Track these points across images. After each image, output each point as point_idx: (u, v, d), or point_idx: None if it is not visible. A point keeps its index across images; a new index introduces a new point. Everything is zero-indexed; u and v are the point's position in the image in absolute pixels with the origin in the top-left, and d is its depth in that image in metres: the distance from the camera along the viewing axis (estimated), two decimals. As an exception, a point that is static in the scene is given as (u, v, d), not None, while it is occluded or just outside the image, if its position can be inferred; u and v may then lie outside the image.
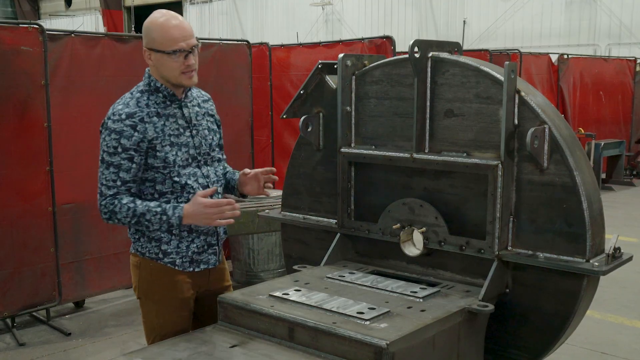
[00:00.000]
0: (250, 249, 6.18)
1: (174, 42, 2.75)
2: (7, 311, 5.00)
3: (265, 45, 7.54)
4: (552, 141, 2.63)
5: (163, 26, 2.76)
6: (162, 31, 2.76)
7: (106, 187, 2.78)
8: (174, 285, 2.92)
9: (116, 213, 2.78)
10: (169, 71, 2.80)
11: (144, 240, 2.90)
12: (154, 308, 2.94)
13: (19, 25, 5.11)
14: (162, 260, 2.89)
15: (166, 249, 2.88)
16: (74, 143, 5.29)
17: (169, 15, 2.80)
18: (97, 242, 5.49)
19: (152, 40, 2.78)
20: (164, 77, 2.83)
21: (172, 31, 2.75)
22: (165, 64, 2.78)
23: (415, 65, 2.87)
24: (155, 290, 2.92)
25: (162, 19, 2.77)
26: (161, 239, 2.87)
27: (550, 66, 11.65)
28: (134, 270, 2.98)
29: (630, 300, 5.89)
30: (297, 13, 20.95)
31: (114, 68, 5.49)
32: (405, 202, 3.00)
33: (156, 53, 2.77)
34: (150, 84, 2.86)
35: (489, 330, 2.77)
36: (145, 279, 2.93)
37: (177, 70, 2.79)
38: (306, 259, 3.33)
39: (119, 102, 2.85)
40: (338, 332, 2.33)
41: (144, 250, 2.90)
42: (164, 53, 2.76)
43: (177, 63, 2.78)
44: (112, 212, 2.79)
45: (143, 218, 2.76)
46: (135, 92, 2.88)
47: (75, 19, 26.57)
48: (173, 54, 2.75)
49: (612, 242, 2.67)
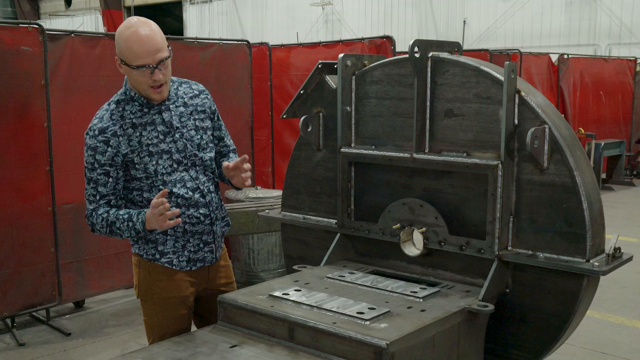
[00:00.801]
0: (250, 249, 6.18)
1: (137, 58, 2.67)
2: (7, 311, 5.00)
3: (265, 45, 7.54)
4: (552, 141, 2.62)
5: (128, 40, 2.67)
6: (126, 45, 2.68)
7: (88, 202, 2.86)
8: (172, 285, 2.93)
9: (95, 224, 2.87)
10: (138, 84, 2.76)
11: (141, 242, 2.91)
12: (153, 307, 2.95)
13: (19, 25, 5.11)
14: (159, 260, 2.90)
15: (162, 250, 2.89)
16: (74, 143, 5.29)
17: (137, 27, 2.69)
18: (97, 242, 5.49)
19: (120, 53, 2.72)
20: (135, 87, 2.81)
21: (134, 47, 2.66)
22: (133, 77, 2.74)
23: (415, 65, 2.87)
24: (154, 290, 2.93)
25: (128, 32, 2.68)
26: (157, 240, 2.88)
27: (551, 66, 11.65)
28: (135, 269, 3.00)
29: (630, 300, 5.89)
30: (297, 13, 20.95)
31: (114, 68, 5.41)
32: (405, 202, 3.00)
33: (124, 65, 2.73)
34: (126, 93, 2.85)
35: (489, 330, 2.77)
36: (145, 278, 2.94)
37: (145, 84, 2.73)
38: (306, 259, 3.34)
39: (96, 116, 2.85)
40: (338, 332, 2.33)
41: (141, 252, 2.92)
42: (129, 67, 2.70)
43: (144, 77, 2.71)
44: (92, 224, 2.87)
45: (114, 226, 2.81)
46: (112, 102, 2.86)
47: (75, 19, 26.58)
48: (138, 69, 2.69)
49: (612, 242, 2.67)
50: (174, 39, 6.06)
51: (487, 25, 16.98)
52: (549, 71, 11.57)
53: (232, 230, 5.63)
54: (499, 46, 14.50)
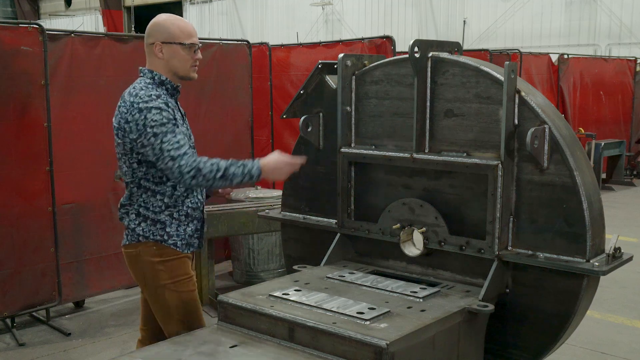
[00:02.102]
0: (250, 249, 6.18)
1: (190, 36, 2.97)
2: (7, 311, 5.00)
3: (265, 45, 7.53)
4: (552, 141, 2.63)
5: (176, 23, 2.97)
6: (179, 25, 2.96)
7: (175, 150, 2.82)
8: (181, 264, 3.03)
9: (201, 170, 2.82)
10: (182, 63, 2.97)
11: (148, 224, 2.97)
12: (165, 289, 3.00)
13: (19, 25, 5.11)
14: (166, 242, 2.99)
15: (169, 232, 2.99)
16: (74, 143, 5.29)
17: (176, 15, 3.05)
18: (97, 242, 5.49)
19: (170, 35, 2.94)
20: (173, 69, 2.97)
21: (188, 27, 3.00)
22: (179, 56, 2.96)
23: (415, 65, 2.87)
24: (163, 270, 2.99)
25: (172, 17, 3.00)
26: (165, 222, 2.97)
27: (550, 66, 11.64)
28: (133, 262, 3.04)
29: (630, 300, 5.89)
30: (297, 13, 20.94)
31: (114, 68, 5.49)
32: (405, 202, 3.00)
33: (171, 45, 2.93)
34: (154, 78, 2.96)
35: (489, 330, 2.77)
36: (150, 262, 2.98)
37: (189, 62, 2.98)
38: (306, 259, 3.33)
39: (138, 89, 2.89)
40: (338, 332, 2.33)
41: (148, 234, 2.97)
42: (182, 45, 2.94)
43: (190, 56, 2.97)
44: (196, 169, 2.82)
45: (227, 171, 2.85)
46: (141, 84, 2.94)
47: (75, 19, 26.57)
48: (188, 47, 2.95)
49: (612, 242, 2.67)
50: (174, 39, 6.04)
51: (487, 25, 16.97)
52: (549, 71, 11.57)
53: (232, 230, 5.64)
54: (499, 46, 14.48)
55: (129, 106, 2.85)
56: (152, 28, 3.00)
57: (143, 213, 2.98)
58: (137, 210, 2.99)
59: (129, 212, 3.02)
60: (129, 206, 3.02)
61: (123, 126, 2.87)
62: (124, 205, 3.05)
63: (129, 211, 3.02)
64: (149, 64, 3.01)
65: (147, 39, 3.01)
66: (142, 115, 2.81)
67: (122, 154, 2.96)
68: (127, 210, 3.02)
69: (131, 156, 2.92)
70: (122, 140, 2.91)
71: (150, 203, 2.97)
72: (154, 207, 2.97)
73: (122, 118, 2.87)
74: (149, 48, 3.00)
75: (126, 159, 2.95)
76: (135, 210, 2.99)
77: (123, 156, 2.96)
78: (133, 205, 3.00)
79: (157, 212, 2.96)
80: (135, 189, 2.97)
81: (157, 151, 2.81)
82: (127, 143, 2.90)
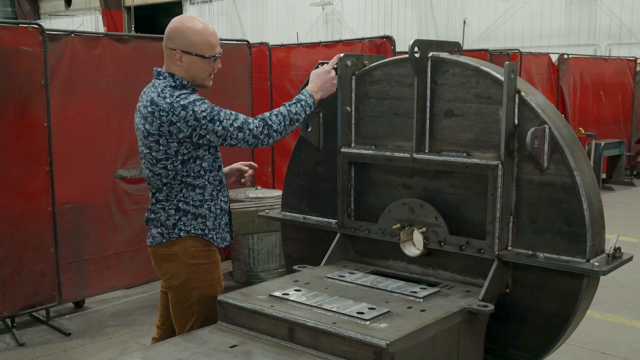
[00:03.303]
0: (250, 249, 6.18)
1: (212, 48, 2.93)
2: (7, 311, 4.99)
3: (265, 45, 7.53)
4: (552, 141, 2.63)
5: (203, 32, 2.91)
6: (202, 37, 2.91)
7: (235, 120, 2.88)
8: (215, 268, 3.05)
9: (271, 125, 2.92)
10: (200, 73, 2.95)
11: (189, 218, 2.97)
12: (195, 291, 2.97)
13: (19, 25, 5.10)
14: (206, 236, 3.00)
15: (209, 225, 3.00)
16: (74, 143, 5.29)
17: (203, 22, 2.97)
18: (97, 242, 5.49)
19: (191, 44, 2.90)
20: (191, 77, 2.95)
21: (211, 38, 2.93)
22: (198, 67, 2.93)
23: (415, 65, 2.87)
24: (198, 272, 2.97)
25: (200, 26, 2.92)
26: (205, 215, 2.98)
27: (550, 66, 11.64)
28: (166, 261, 3.00)
29: (630, 300, 5.89)
30: (297, 13, 20.94)
31: (114, 68, 5.49)
32: (405, 202, 3.00)
33: (191, 56, 2.90)
34: (175, 82, 2.93)
35: (489, 331, 2.77)
36: (186, 263, 2.96)
37: (207, 72, 2.97)
38: (306, 259, 3.33)
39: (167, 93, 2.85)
40: (338, 332, 2.33)
41: (189, 228, 2.96)
42: (202, 57, 2.91)
43: (209, 66, 2.95)
44: (267, 126, 2.92)
45: (291, 114, 2.97)
46: (167, 87, 2.89)
47: (75, 19, 26.57)
48: (208, 59, 2.92)
49: (612, 242, 2.67)
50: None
51: (487, 25, 16.97)
52: (549, 71, 11.57)
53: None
54: (499, 46, 14.48)
55: (169, 108, 2.79)
56: (173, 32, 2.93)
57: (183, 208, 2.95)
58: (176, 205, 2.96)
59: (165, 207, 2.97)
60: (165, 202, 2.97)
61: (167, 130, 2.81)
62: (159, 201, 2.98)
63: (166, 207, 2.96)
64: (168, 67, 2.95)
65: (167, 41, 2.94)
66: (188, 111, 2.79)
67: (160, 159, 2.89)
68: (164, 206, 2.97)
69: (175, 158, 2.88)
70: (166, 146, 2.85)
71: (190, 197, 2.96)
72: (194, 201, 2.96)
73: (164, 122, 2.81)
74: (168, 51, 2.94)
75: (168, 163, 2.89)
76: (174, 205, 2.96)
77: (163, 161, 2.89)
78: (172, 201, 2.96)
79: (197, 206, 2.96)
80: (175, 185, 2.95)
81: (220, 132, 2.84)
82: (172, 146, 2.85)
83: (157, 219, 3.01)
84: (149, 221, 3.05)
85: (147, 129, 2.87)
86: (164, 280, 3.07)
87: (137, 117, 2.99)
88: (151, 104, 2.85)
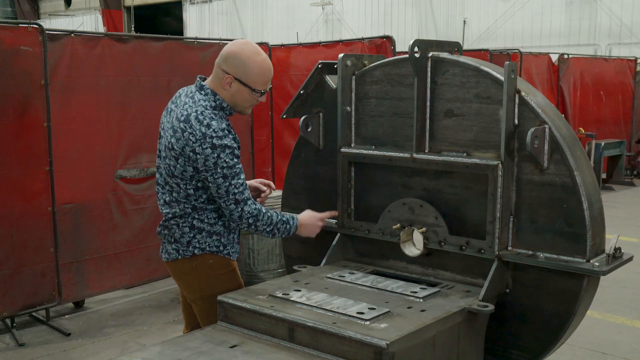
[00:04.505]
0: (250, 249, 6.18)
1: (264, 84, 2.89)
2: (7, 311, 4.99)
3: (265, 45, 7.52)
4: (552, 141, 2.62)
5: (261, 66, 2.86)
6: (259, 71, 2.86)
7: (240, 194, 2.80)
8: (236, 276, 3.02)
9: (258, 221, 2.85)
10: (244, 102, 2.91)
11: (204, 236, 2.91)
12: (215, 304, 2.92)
13: (19, 25, 5.10)
14: (222, 252, 2.95)
15: (224, 242, 2.96)
16: (74, 143, 5.29)
17: (264, 55, 2.90)
18: (97, 242, 5.49)
19: (245, 75, 2.84)
20: (233, 103, 2.90)
21: (267, 74, 2.89)
22: (244, 97, 2.89)
23: (415, 65, 2.87)
24: (220, 283, 2.94)
25: (259, 59, 2.86)
26: (220, 232, 2.94)
27: (551, 66, 11.64)
28: (187, 275, 2.97)
29: (630, 300, 5.89)
30: (297, 13, 20.94)
31: (114, 68, 5.48)
32: (405, 202, 3.00)
33: (241, 85, 2.84)
34: (216, 101, 2.87)
35: (489, 330, 2.77)
36: (207, 275, 2.94)
37: (250, 102, 2.93)
38: (306, 259, 3.33)
39: (209, 119, 2.77)
40: (338, 332, 2.33)
41: (204, 245, 2.91)
42: (251, 90, 2.86)
43: (253, 98, 2.90)
44: (255, 218, 2.84)
45: (276, 227, 2.92)
46: (208, 107, 2.83)
47: (75, 19, 26.55)
48: (257, 92, 2.88)
49: (612, 242, 2.67)
50: (174, 39, 6.04)
51: (487, 25, 16.97)
52: (549, 71, 11.56)
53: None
54: (499, 46, 14.47)
55: (200, 137, 2.72)
56: (232, 56, 2.85)
57: (198, 225, 2.89)
58: (190, 223, 2.89)
59: (179, 224, 2.90)
60: (179, 218, 2.90)
61: (188, 154, 2.76)
62: (174, 217, 2.91)
63: (180, 223, 2.90)
64: (213, 85, 2.89)
65: (221, 62, 2.87)
66: (215, 153, 2.72)
67: (177, 175, 2.84)
68: (177, 223, 2.91)
69: (190, 182, 2.83)
70: (183, 167, 2.80)
71: (205, 215, 2.89)
72: (209, 219, 2.90)
73: (189, 146, 2.74)
74: (219, 71, 2.87)
75: (182, 183, 2.84)
76: (188, 223, 2.89)
77: (178, 179, 2.84)
78: (186, 218, 2.89)
79: (212, 224, 2.90)
80: (188, 207, 2.88)
81: (222, 192, 2.77)
82: (189, 170, 2.80)
83: (170, 235, 2.95)
84: (163, 235, 3.00)
85: (172, 142, 2.81)
86: (187, 293, 3.04)
87: (165, 117, 2.92)
88: (185, 121, 2.76)
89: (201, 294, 2.96)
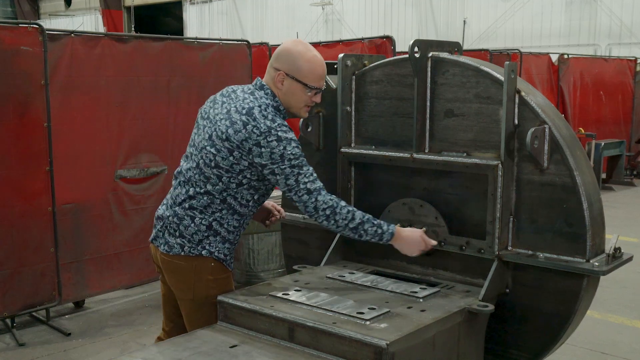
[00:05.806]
0: (250, 249, 6.18)
1: (318, 80, 2.80)
2: (7, 311, 4.99)
3: (265, 45, 7.54)
4: (552, 141, 2.63)
5: (313, 61, 2.78)
6: (312, 66, 2.78)
7: (312, 182, 2.71)
8: (230, 281, 2.90)
9: (336, 213, 2.72)
10: (297, 102, 2.82)
11: (217, 240, 2.81)
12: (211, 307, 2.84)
13: (19, 25, 5.10)
14: (225, 261, 2.86)
15: (230, 252, 2.88)
16: (74, 143, 5.29)
17: (315, 51, 2.83)
18: (97, 242, 5.48)
19: (297, 70, 2.77)
20: (287, 103, 2.83)
21: (319, 70, 2.79)
22: (297, 95, 2.81)
23: (415, 65, 2.87)
24: (214, 287, 2.84)
25: (310, 54, 2.78)
26: (232, 241, 2.86)
27: (551, 66, 11.64)
28: (183, 273, 2.84)
29: (630, 300, 5.89)
30: (297, 13, 20.94)
31: (114, 68, 5.48)
32: (405, 202, 3.00)
33: (293, 81, 2.77)
34: (275, 102, 2.83)
35: (489, 330, 2.77)
36: (205, 278, 2.83)
37: (304, 102, 2.83)
38: (306, 259, 3.34)
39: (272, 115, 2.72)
40: (338, 332, 2.33)
41: (214, 249, 2.81)
42: (305, 86, 2.78)
43: (307, 97, 2.81)
44: (332, 209, 2.71)
45: (361, 226, 2.75)
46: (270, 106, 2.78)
47: (75, 19, 26.55)
48: (310, 89, 2.79)
49: (612, 242, 2.67)
50: (174, 39, 6.04)
51: (487, 25, 16.97)
52: (549, 71, 11.57)
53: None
54: (499, 46, 14.47)
55: (265, 130, 2.64)
56: (284, 53, 2.80)
57: (215, 228, 2.79)
58: (209, 222, 2.78)
59: (196, 218, 2.78)
60: (198, 212, 2.78)
61: (248, 147, 2.65)
62: (191, 208, 2.79)
63: (197, 218, 2.78)
64: (268, 83, 2.85)
65: (274, 60, 2.83)
66: (281, 145, 2.65)
67: (221, 166, 2.72)
68: (194, 216, 2.78)
69: (235, 176, 2.72)
70: (236, 160, 2.69)
71: (226, 220, 2.80)
72: (229, 225, 2.81)
73: (252, 139, 2.64)
74: (272, 70, 2.83)
75: (225, 174, 2.72)
76: (207, 221, 2.78)
77: (222, 170, 2.72)
78: (205, 214, 2.78)
79: (230, 231, 2.82)
80: (217, 202, 2.77)
81: (291, 182, 2.68)
82: (242, 163, 2.70)
83: (178, 225, 2.80)
84: (166, 222, 2.84)
85: (229, 134, 2.68)
86: (178, 291, 2.91)
87: (211, 108, 2.83)
88: (248, 114, 2.68)
89: (193, 295, 2.85)
